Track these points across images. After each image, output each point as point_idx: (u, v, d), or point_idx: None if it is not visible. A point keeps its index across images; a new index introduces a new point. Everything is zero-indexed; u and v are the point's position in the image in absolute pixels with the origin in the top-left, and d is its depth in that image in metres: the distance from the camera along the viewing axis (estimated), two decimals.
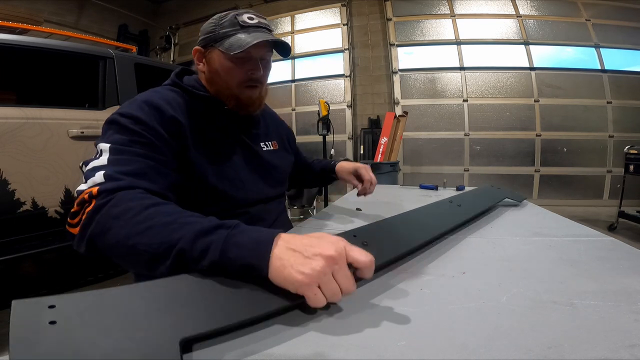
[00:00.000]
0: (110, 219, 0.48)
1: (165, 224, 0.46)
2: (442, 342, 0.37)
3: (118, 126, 0.61)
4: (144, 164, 0.58)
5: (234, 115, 0.80)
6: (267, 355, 0.35)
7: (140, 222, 0.46)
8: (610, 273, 0.55)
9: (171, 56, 6.25)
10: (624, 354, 0.34)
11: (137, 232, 0.46)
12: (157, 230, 0.45)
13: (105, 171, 0.54)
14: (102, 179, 0.53)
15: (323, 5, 5.24)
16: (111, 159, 0.56)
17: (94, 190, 0.51)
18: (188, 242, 0.43)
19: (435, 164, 4.79)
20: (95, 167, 0.55)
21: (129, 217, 0.47)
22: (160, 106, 0.66)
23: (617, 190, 3.85)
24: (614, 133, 4.43)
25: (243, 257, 0.41)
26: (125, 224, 0.47)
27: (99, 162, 0.56)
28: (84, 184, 0.54)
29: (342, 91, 5.10)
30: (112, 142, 0.58)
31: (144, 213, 0.47)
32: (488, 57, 4.72)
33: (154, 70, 2.31)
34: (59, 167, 1.74)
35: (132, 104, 0.66)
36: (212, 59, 0.76)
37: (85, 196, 0.52)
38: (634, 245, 0.68)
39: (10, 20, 2.57)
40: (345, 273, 0.41)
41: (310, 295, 0.40)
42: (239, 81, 0.75)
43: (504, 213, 1.03)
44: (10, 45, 1.68)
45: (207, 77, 0.79)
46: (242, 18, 0.73)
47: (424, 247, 0.68)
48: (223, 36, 0.73)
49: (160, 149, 0.62)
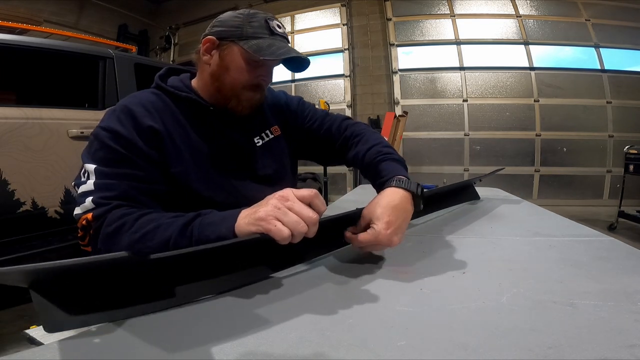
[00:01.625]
0: (108, 238, 0.56)
1: (155, 227, 0.55)
2: (442, 342, 0.37)
3: (100, 143, 0.64)
4: (127, 187, 0.61)
5: (221, 114, 0.76)
6: (267, 355, 0.35)
7: (134, 232, 0.55)
8: (610, 273, 0.55)
9: (171, 56, 6.25)
10: (624, 354, 0.34)
11: (135, 240, 0.55)
12: (151, 235, 0.55)
13: (93, 197, 0.59)
14: (92, 205, 0.59)
15: (323, 5, 5.25)
16: (97, 183, 0.60)
17: (89, 216, 0.59)
18: (177, 235, 0.53)
19: (435, 164, 4.80)
20: (85, 193, 0.60)
21: (124, 231, 0.56)
22: (136, 117, 0.66)
23: (617, 190, 3.85)
24: (613, 133, 4.44)
25: (214, 231, 0.52)
26: (122, 237, 0.55)
27: (87, 187, 0.61)
28: (78, 208, 0.61)
29: (342, 91, 5.10)
30: (97, 163, 0.62)
31: (135, 225, 0.56)
32: (488, 57, 4.72)
33: (154, 71, 2.30)
34: (59, 167, 1.73)
35: (112, 114, 0.67)
36: (227, 54, 0.72)
37: (84, 222, 0.59)
38: (634, 245, 0.68)
39: (10, 20, 2.57)
40: (299, 205, 0.48)
41: (272, 228, 0.46)
42: (247, 83, 0.73)
43: (504, 213, 1.03)
44: (10, 45, 1.68)
45: (212, 70, 0.74)
46: (272, 24, 0.72)
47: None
48: (250, 36, 0.70)
49: (141, 166, 0.64)
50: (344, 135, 0.87)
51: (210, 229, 0.52)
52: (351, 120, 0.91)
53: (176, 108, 0.73)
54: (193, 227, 0.54)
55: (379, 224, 0.58)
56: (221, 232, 0.51)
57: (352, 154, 0.85)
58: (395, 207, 0.61)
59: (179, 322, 0.42)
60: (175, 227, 0.54)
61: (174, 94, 0.74)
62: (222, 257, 0.52)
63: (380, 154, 0.79)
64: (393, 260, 0.63)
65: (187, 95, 0.74)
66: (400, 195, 0.64)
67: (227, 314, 0.44)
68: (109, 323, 0.41)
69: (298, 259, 0.61)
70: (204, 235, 0.52)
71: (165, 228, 0.55)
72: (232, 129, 0.78)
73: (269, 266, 0.57)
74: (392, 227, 0.58)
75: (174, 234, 0.54)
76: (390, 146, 0.84)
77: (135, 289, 0.44)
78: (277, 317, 0.43)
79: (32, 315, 1.59)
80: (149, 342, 0.38)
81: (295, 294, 0.50)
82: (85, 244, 0.61)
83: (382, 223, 0.58)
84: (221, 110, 0.76)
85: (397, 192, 0.64)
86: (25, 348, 0.40)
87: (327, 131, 0.88)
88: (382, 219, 0.58)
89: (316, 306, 0.46)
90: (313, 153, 0.93)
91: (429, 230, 0.84)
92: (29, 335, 0.49)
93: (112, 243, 0.56)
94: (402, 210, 0.62)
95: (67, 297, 0.39)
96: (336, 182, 4.97)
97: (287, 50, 0.69)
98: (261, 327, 0.40)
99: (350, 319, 0.42)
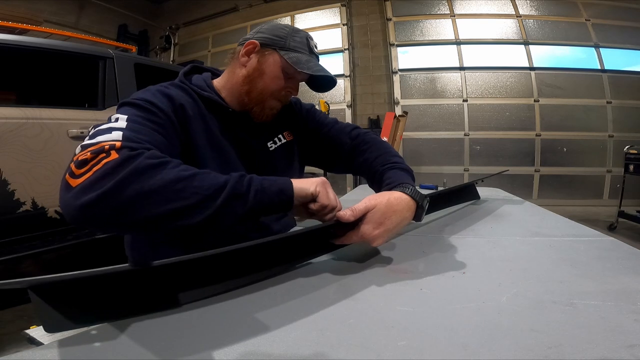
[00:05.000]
0: (150, 167, 0.48)
1: (205, 173, 0.52)
2: (442, 342, 0.37)
3: (133, 105, 0.62)
4: (159, 139, 0.58)
5: (239, 117, 0.79)
6: (267, 355, 0.35)
7: (183, 170, 0.51)
8: (610, 273, 0.55)
9: (171, 56, 6.25)
10: (624, 354, 0.34)
11: (184, 177, 0.49)
12: (202, 176, 0.51)
13: (124, 133, 0.52)
14: (121, 138, 0.50)
15: (323, 5, 5.25)
16: (129, 125, 0.54)
17: (117, 143, 0.49)
18: (235, 182, 0.53)
19: (435, 164, 4.80)
20: (112, 128, 0.52)
21: (170, 167, 0.50)
22: (172, 95, 0.68)
23: (617, 190, 3.85)
24: (613, 133, 4.44)
25: (274, 185, 0.57)
26: (169, 171, 0.49)
27: (116, 124, 0.54)
28: (91, 140, 0.50)
29: (342, 91, 5.10)
30: (129, 114, 0.57)
31: (181, 165, 0.51)
32: (488, 57, 4.72)
33: (154, 70, 2.31)
34: (59, 167, 1.73)
35: (145, 92, 0.67)
36: (266, 60, 0.76)
37: (106, 146, 0.48)
38: (634, 245, 0.68)
39: (10, 20, 2.57)
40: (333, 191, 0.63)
41: (324, 191, 0.60)
42: (276, 92, 0.77)
43: (504, 213, 1.03)
44: (10, 45, 1.68)
45: (247, 72, 0.76)
46: (312, 43, 0.79)
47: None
48: (292, 49, 0.75)
49: (171, 134, 0.63)
50: (353, 142, 0.88)
51: (267, 182, 0.56)
52: (361, 129, 0.93)
53: (198, 105, 0.74)
54: (252, 177, 0.55)
55: (370, 223, 0.59)
56: (280, 185, 0.57)
57: (361, 160, 0.86)
58: (395, 211, 0.62)
59: (180, 322, 0.42)
60: (229, 176, 0.54)
61: (198, 93, 0.75)
62: (224, 260, 0.52)
63: (389, 162, 0.80)
64: (393, 260, 0.63)
65: (209, 95, 0.75)
66: (405, 202, 0.64)
67: (227, 314, 0.44)
68: (109, 323, 0.41)
69: (298, 260, 0.61)
70: (263, 186, 0.55)
71: (218, 175, 0.53)
72: (247, 132, 0.80)
73: (269, 267, 0.57)
74: (381, 229, 0.59)
75: (231, 180, 0.53)
76: (400, 156, 0.86)
77: (136, 290, 0.44)
78: (277, 317, 0.43)
79: (32, 315, 1.59)
80: (149, 342, 0.38)
81: (296, 294, 0.50)
82: (80, 172, 0.46)
83: (373, 223, 0.59)
84: (239, 113, 0.78)
85: (403, 198, 0.64)
86: (25, 348, 0.40)
87: (336, 138, 0.90)
88: (376, 217, 0.60)
89: (316, 306, 0.46)
90: (321, 159, 0.95)
91: (429, 230, 0.84)
92: (29, 335, 0.49)
93: (151, 174, 0.47)
94: (399, 216, 0.62)
95: (67, 298, 0.39)
96: (336, 182, 4.96)
97: (322, 69, 0.76)
98: (261, 327, 0.40)
99: (350, 319, 0.42)
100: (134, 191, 0.46)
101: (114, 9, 5.79)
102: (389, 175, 0.76)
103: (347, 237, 0.61)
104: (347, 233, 0.60)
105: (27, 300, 0.37)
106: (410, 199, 0.64)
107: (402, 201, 0.63)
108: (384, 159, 0.82)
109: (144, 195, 0.46)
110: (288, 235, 0.63)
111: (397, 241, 0.74)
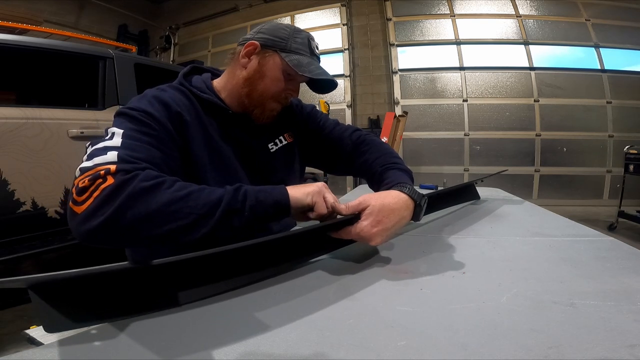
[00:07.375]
0: (145, 191, 0.49)
1: (200, 190, 0.53)
2: (442, 342, 0.37)
3: (129, 117, 0.62)
4: (155, 153, 0.59)
5: (239, 118, 0.78)
6: (267, 355, 0.35)
7: (176, 190, 0.51)
8: (610, 273, 0.55)
9: (171, 56, 6.25)
10: (624, 354, 0.34)
11: (178, 198, 0.51)
12: (196, 195, 0.52)
13: (118, 152, 0.53)
14: (116, 159, 0.52)
15: (323, 5, 5.25)
16: (124, 142, 0.56)
17: (111, 167, 0.50)
18: (230, 198, 0.53)
19: (435, 164, 4.80)
20: (107, 147, 0.54)
21: (164, 188, 0.51)
22: (168, 103, 0.67)
23: (617, 190, 3.85)
24: (613, 133, 4.44)
25: (269, 197, 0.56)
26: (162, 194, 0.50)
27: (112, 142, 0.55)
28: (88, 162, 0.52)
29: (342, 91, 5.10)
30: (124, 129, 0.58)
31: (176, 185, 0.52)
32: (488, 57, 4.72)
33: (154, 70, 2.31)
34: (59, 167, 1.73)
35: (142, 99, 0.67)
36: (267, 62, 0.75)
37: (101, 172, 0.50)
38: (634, 245, 0.68)
39: (10, 20, 2.57)
40: (330, 194, 0.61)
41: (320, 201, 0.59)
42: (277, 94, 0.76)
43: (504, 213, 1.03)
44: (10, 45, 1.67)
45: (247, 74, 0.75)
46: (313, 44, 0.78)
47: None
48: (293, 50, 0.74)
49: (167, 144, 0.63)
50: (354, 143, 0.89)
51: (263, 195, 0.56)
52: (362, 131, 0.93)
53: (199, 106, 0.74)
54: (246, 191, 0.55)
55: (368, 220, 0.59)
56: (276, 197, 0.57)
57: (361, 161, 0.87)
58: (393, 210, 0.61)
59: (180, 322, 0.42)
60: (224, 191, 0.54)
61: (197, 95, 0.75)
62: (224, 260, 0.52)
63: (388, 163, 0.81)
64: (393, 260, 0.63)
65: (208, 97, 0.75)
66: (403, 201, 0.64)
67: (228, 314, 0.44)
68: (109, 323, 0.41)
69: (297, 260, 0.61)
70: (258, 200, 0.55)
71: (212, 191, 0.53)
72: (247, 133, 0.79)
73: (269, 267, 0.57)
74: (379, 227, 0.59)
75: (226, 196, 0.53)
76: (399, 157, 0.86)
77: (136, 290, 0.44)
78: (277, 317, 0.43)
79: (32, 315, 1.59)
80: (149, 342, 0.38)
81: (295, 294, 0.50)
82: (81, 199, 0.49)
83: (371, 220, 0.59)
84: (239, 114, 0.78)
85: (401, 197, 0.64)
86: (25, 348, 0.40)
87: (337, 139, 0.90)
88: (373, 215, 0.59)
89: (316, 306, 0.46)
90: (322, 160, 0.95)
91: (429, 230, 0.84)
92: (29, 335, 0.49)
93: (146, 198, 0.49)
94: (397, 215, 0.62)
95: (67, 297, 0.39)
96: (336, 182, 4.96)
97: (323, 72, 0.75)
98: (261, 327, 0.40)
99: (350, 319, 0.42)
100: (132, 216, 0.48)
101: (114, 9, 5.79)
102: (388, 175, 0.77)
103: (344, 232, 0.60)
104: (344, 227, 0.60)
105: (27, 300, 0.37)
106: (409, 198, 0.64)
107: (400, 200, 0.64)
108: (383, 160, 0.83)
109: (142, 219, 0.48)
110: (288, 234, 0.63)
111: (397, 241, 0.74)
